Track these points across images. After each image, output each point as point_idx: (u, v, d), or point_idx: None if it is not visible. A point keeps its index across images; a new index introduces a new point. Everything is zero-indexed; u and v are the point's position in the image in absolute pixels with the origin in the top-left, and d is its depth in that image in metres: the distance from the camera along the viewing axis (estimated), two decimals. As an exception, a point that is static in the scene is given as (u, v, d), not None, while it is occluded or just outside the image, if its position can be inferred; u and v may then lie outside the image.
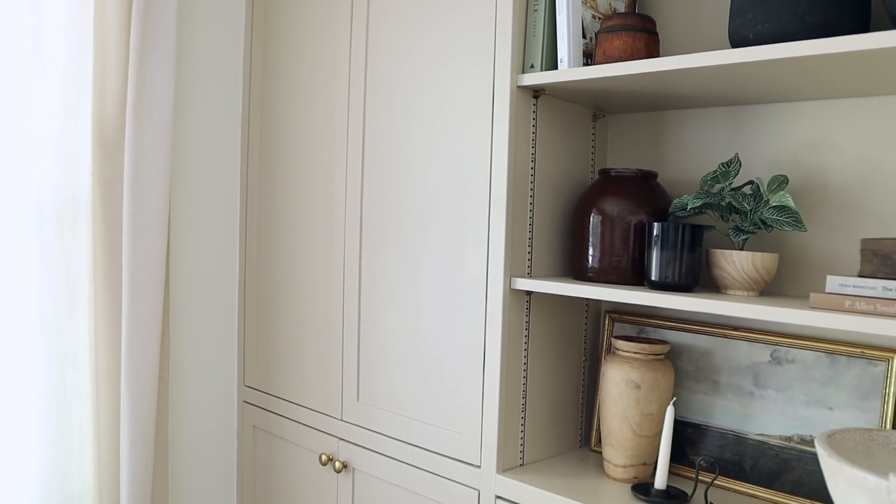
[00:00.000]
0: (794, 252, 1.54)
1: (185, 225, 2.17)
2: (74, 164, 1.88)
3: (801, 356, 1.53)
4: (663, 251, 1.46)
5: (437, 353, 1.71)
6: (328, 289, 1.96)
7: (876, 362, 1.44)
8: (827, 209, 1.51)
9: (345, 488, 1.92)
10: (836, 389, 1.49)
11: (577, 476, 1.60)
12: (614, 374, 1.57)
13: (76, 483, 1.93)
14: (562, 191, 1.70)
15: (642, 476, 1.59)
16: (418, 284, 1.75)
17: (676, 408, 1.67)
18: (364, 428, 1.87)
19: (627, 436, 1.56)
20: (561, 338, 1.73)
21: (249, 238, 2.22)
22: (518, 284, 1.57)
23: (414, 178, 1.75)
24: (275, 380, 2.13)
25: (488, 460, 1.61)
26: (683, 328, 1.67)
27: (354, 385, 1.89)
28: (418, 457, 1.74)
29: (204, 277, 2.22)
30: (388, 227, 1.81)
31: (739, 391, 1.60)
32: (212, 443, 2.27)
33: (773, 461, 1.54)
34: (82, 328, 1.91)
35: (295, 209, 2.06)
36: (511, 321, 1.60)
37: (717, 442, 1.61)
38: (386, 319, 1.82)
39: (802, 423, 1.52)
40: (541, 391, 1.69)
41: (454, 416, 1.68)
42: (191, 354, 2.21)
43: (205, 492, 2.26)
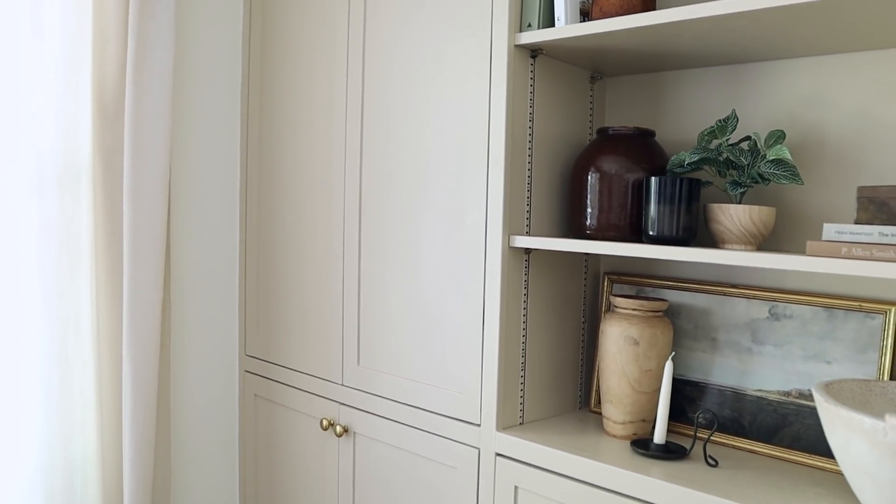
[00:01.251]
0: (791, 208, 1.55)
1: (186, 192, 2.18)
2: (74, 130, 1.89)
3: (798, 311, 1.53)
4: (661, 205, 1.46)
5: (436, 314, 1.72)
6: (328, 254, 1.97)
7: (874, 315, 1.45)
8: (824, 164, 1.51)
9: (346, 452, 1.93)
10: (833, 343, 1.49)
11: (576, 434, 1.61)
12: (613, 330, 1.58)
13: (79, 448, 1.94)
14: (560, 151, 1.70)
15: (641, 433, 1.60)
16: (418, 245, 1.75)
17: (675, 366, 1.68)
18: (364, 392, 1.88)
19: (626, 392, 1.57)
20: (560, 299, 1.73)
21: (250, 204, 2.23)
22: (517, 242, 1.58)
23: (413, 139, 1.75)
24: (276, 348, 2.14)
25: (488, 419, 1.62)
26: (682, 287, 1.68)
27: (355, 349, 1.90)
28: (418, 418, 1.75)
29: (205, 245, 2.23)
30: (388, 189, 1.81)
31: (738, 348, 1.60)
32: (213, 411, 2.28)
33: (772, 416, 1.55)
34: (83, 293, 1.92)
35: (295, 174, 2.06)
36: (510, 280, 1.60)
37: (716, 399, 1.62)
38: (386, 282, 1.83)
39: (800, 378, 1.52)
40: (540, 351, 1.70)
41: (454, 376, 1.69)
42: (192, 324, 2.22)
43: (207, 459, 2.28)
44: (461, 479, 1.67)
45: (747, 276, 1.61)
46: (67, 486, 1.93)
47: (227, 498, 2.33)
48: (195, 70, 2.17)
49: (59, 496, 1.92)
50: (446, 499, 1.71)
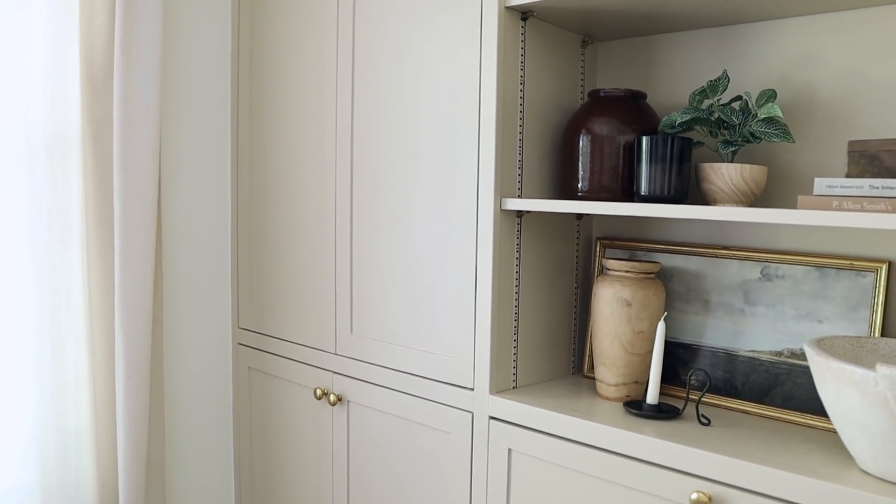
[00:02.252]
0: (782, 168, 1.55)
1: (177, 164, 2.17)
2: (63, 103, 1.88)
3: (790, 272, 1.53)
4: (652, 165, 1.46)
5: (429, 280, 1.72)
6: (320, 223, 1.96)
7: (865, 273, 1.45)
8: (815, 123, 1.51)
9: (340, 421, 1.93)
10: (825, 302, 1.49)
11: (569, 397, 1.61)
12: (605, 293, 1.58)
13: (73, 419, 1.94)
14: (552, 115, 1.70)
15: (634, 394, 1.60)
16: (410, 212, 1.75)
17: (668, 329, 1.68)
18: (358, 360, 1.88)
19: (619, 354, 1.57)
20: (552, 264, 1.73)
21: (241, 176, 2.22)
22: (508, 205, 1.58)
23: (404, 106, 1.75)
24: (269, 319, 2.14)
25: (481, 383, 1.62)
26: (674, 250, 1.68)
27: (348, 318, 1.90)
28: (412, 384, 1.75)
29: (196, 218, 2.22)
30: (380, 157, 1.81)
31: (730, 309, 1.60)
32: (207, 384, 2.28)
33: (764, 376, 1.55)
34: (75, 265, 1.91)
35: (286, 145, 2.05)
36: (502, 243, 1.60)
37: (709, 361, 1.62)
38: (378, 250, 1.83)
39: (792, 338, 1.53)
40: (533, 316, 1.70)
41: (447, 342, 1.69)
42: (185, 297, 2.21)
43: (201, 431, 2.28)
44: (455, 443, 1.67)
45: (739, 238, 1.61)
46: (62, 458, 1.93)
47: (223, 469, 2.33)
48: (184, 41, 2.16)
49: (54, 467, 1.92)
50: (441, 464, 1.72)
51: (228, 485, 2.35)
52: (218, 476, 2.33)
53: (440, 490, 1.72)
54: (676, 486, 1.34)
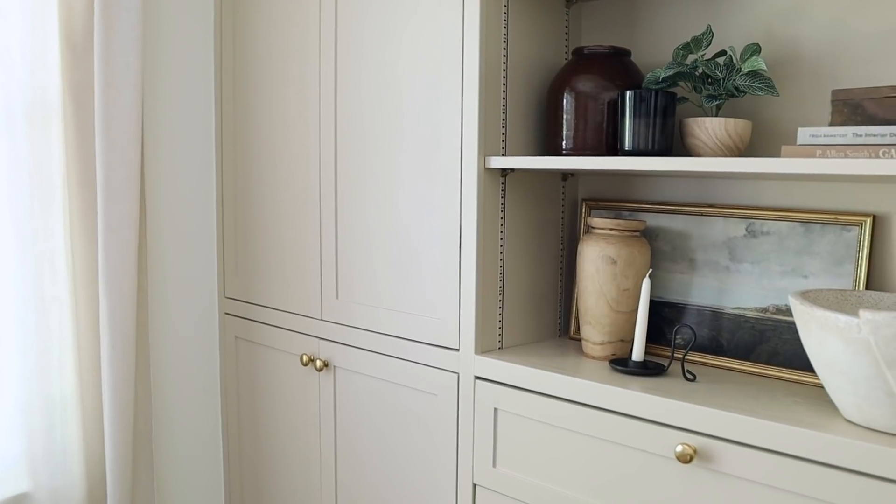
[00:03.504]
0: (767, 124, 1.54)
1: (161, 130, 2.15)
2: (42, 67, 1.86)
3: (775, 228, 1.53)
4: (636, 119, 1.45)
5: (414, 242, 1.71)
6: (305, 189, 1.95)
7: (849, 227, 1.45)
8: (799, 78, 1.50)
9: (326, 387, 1.93)
10: (810, 258, 1.49)
11: (555, 356, 1.61)
12: (590, 251, 1.57)
13: (57, 388, 1.93)
14: (536, 74, 1.69)
15: (620, 353, 1.60)
16: (395, 173, 1.74)
17: (654, 288, 1.67)
18: (344, 325, 1.87)
19: (604, 312, 1.57)
20: (538, 225, 1.72)
21: (226, 143, 2.20)
22: (492, 163, 1.57)
23: (387, 68, 1.73)
24: (255, 288, 2.13)
25: (467, 343, 1.61)
26: (659, 209, 1.67)
27: (333, 283, 1.89)
28: (398, 347, 1.75)
29: (181, 185, 2.20)
30: (363, 119, 1.79)
31: (716, 267, 1.60)
32: (194, 354, 2.27)
33: (750, 333, 1.55)
34: (57, 232, 1.90)
35: (270, 112, 2.04)
36: (486, 203, 1.59)
37: (695, 319, 1.62)
38: (363, 213, 1.81)
39: (778, 294, 1.53)
40: (518, 277, 1.69)
41: (432, 303, 1.68)
42: (170, 266, 2.20)
43: (188, 401, 2.27)
44: (441, 405, 1.67)
45: (724, 196, 1.61)
46: (47, 426, 1.92)
47: (211, 438, 2.33)
48: (165, 3, 2.13)
49: (39, 436, 1.91)
50: (428, 425, 1.71)
51: (217, 453, 2.34)
52: (206, 444, 2.32)
53: (427, 451, 1.72)
54: (661, 440, 1.33)
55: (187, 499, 2.29)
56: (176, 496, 2.27)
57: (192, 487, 2.30)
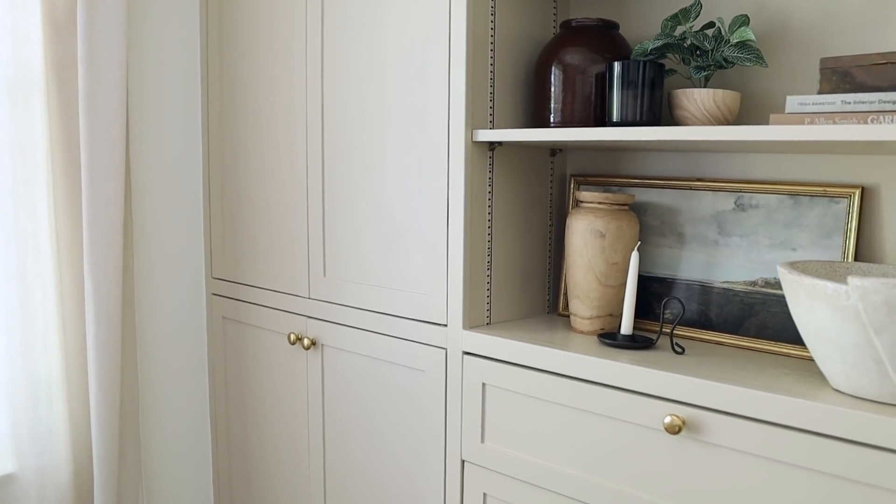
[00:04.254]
0: (756, 96, 1.53)
1: (146, 108, 2.12)
2: (24, 43, 1.83)
3: (764, 201, 1.52)
4: (624, 90, 1.44)
5: (401, 217, 1.70)
6: (291, 166, 1.93)
7: (838, 199, 1.44)
8: (788, 50, 1.49)
9: (314, 365, 1.91)
10: (799, 230, 1.48)
11: (543, 331, 1.60)
12: (579, 224, 1.56)
13: (42, 367, 1.91)
14: (524, 48, 1.67)
15: (609, 327, 1.59)
16: (381, 148, 1.72)
17: (643, 263, 1.67)
18: (331, 303, 1.86)
19: (593, 286, 1.56)
20: (526, 201, 1.71)
21: (212, 120, 2.18)
22: (480, 136, 1.55)
23: (374, 41, 1.71)
24: (242, 268, 2.11)
25: (454, 319, 1.60)
26: (648, 184, 1.66)
27: (321, 261, 1.88)
28: (385, 323, 1.74)
29: (167, 165, 2.18)
30: (350, 94, 1.77)
31: (704, 241, 1.59)
32: (181, 335, 2.25)
33: (738, 307, 1.55)
34: (41, 210, 1.88)
35: (257, 88, 2.02)
36: (474, 177, 1.58)
37: (684, 293, 1.62)
38: (351, 190, 1.80)
39: (766, 267, 1.52)
40: (506, 253, 1.68)
41: (420, 279, 1.67)
42: (156, 247, 2.18)
43: (176, 382, 2.25)
44: (429, 381, 1.66)
45: (713, 170, 1.60)
46: (32, 406, 1.90)
47: (198, 418, 2.31)
48: (150, -16, 2.11)
49: (24, 416, 1.90)
50: (416, 402, 1.70)
51: (205, 433, 2.33)
52: (193, 424, 2.31)
53: (415, 428, 1.71)
54: (650, 412, 1.33)
55: (175, 478, 2.28)
56: (163, 476, 2.26)
57: (179, 467, 2.29)
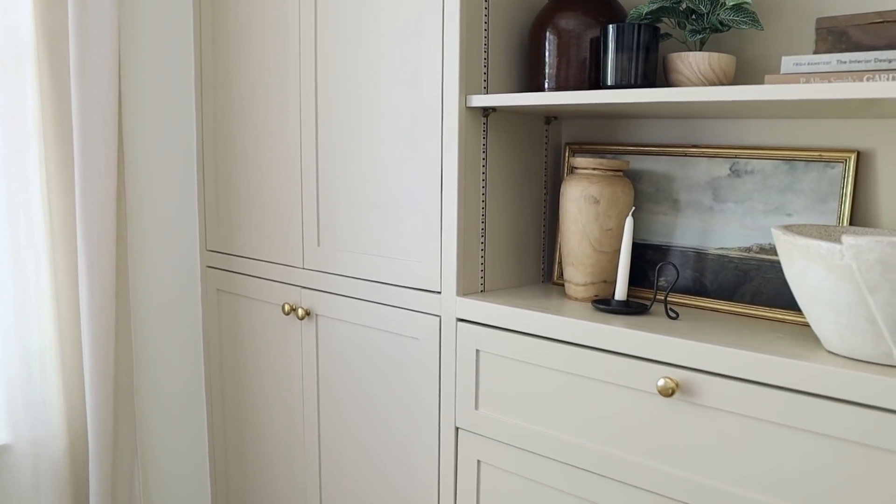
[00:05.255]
0: (751, 61, 1.52)
1: (139, 78, 2.11)
2: (13, 9, 1.81)
3: (759, 166, 1.52)
4: (619, 54, 1.43)
5: (395, 185, 1.69)
6: (285, 136, 1.92)
7: (833, 164, 1.44)
8: (784, 13, 1.48)
9: (309, 335, 1.91)
10: (794, 195, 1.48)
11: (537, 298, 1.59)
12: (573, 191, 1.55)
13: (36, 339, 1.90)
14: (518, 14, 1.65)
15: (603, 294, 1.59)
16: (375, 115, 1.71)
17: (638, 230, 1.66)
18: (326, 272, 1.85)
19: (587, 252, 1.55)
20: (521, 169, 1.70)
21: (205, 89, 2.16)
22: (474, 101, 1.54)
23: (367, 8, 1.70)
24: (237, 239, 2.11)
25: (448, 286, 1.60)
26: (643, 151, 1.66)
27: (315, 230, 1.87)
28: (380, 292, 1.73)
29: (161, 135, 2.16)
30: (343, 60, 1.76)
31: (699, 208, 1.59)
32: (176, 308, 2.25)
33: (733, 273, 1.54)
34: (33, 180, 1.86)
35: (250, 57, 2.00)
36: (468, 144, 1.57)
37: (678, 260, 1.61)
38: (345, 158, 1.79)
39: (761, 233, 1.51)
40: (501, 221, 1.67)
41: (414, 246, 1.66)
42: (150, 219, 2.17)
43: (171, 354, 2.25)
44: (423, 349, 1.65)
45: (709, 136, 1.59)
46: (26, 377, 1.90)
47: (193, 390, 2.31)
48: (142, -46, 2.09)
49: (18, 387, 1.89)
50: (410, 371, 1.70)
51: (200, 404, 2.33)
52: (188, 396, 2.31)
53: (410, 396, 1.71)
54: (643, 375, 1.33)
55: (170, 450, 2.28)
56: (159, 448, 2.26)
57: (175, 439, 2.29)
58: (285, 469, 2.06)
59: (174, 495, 2.31)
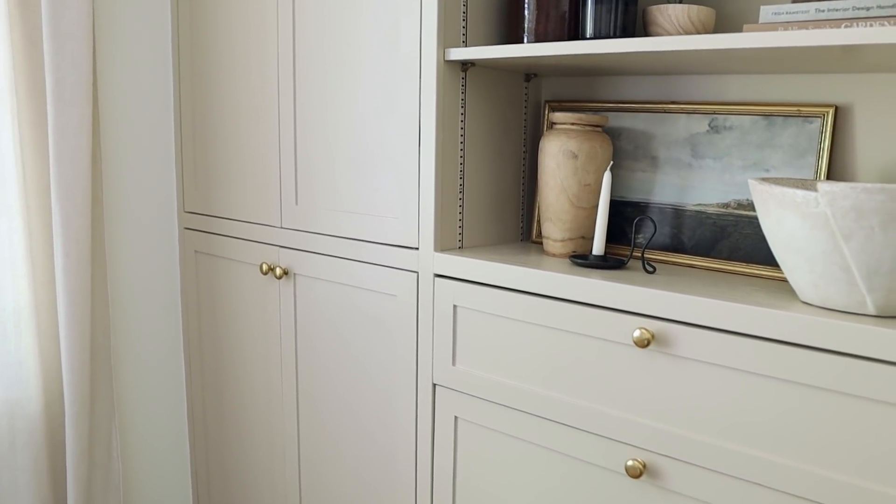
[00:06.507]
0: (731, 16, 1.51)
1: (114, 34, 2.07)
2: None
3: (738, 122, 1.51)
4: (598, 4, 1.42)
5: (373, 141, 1.67)
6: (263, 93, 1.90)
7: (811, 119, 1.43)
8: (765, -33, 1.47)
9: (287, 295, 1.90)
10: (772, 151, 1.48)
11: (515, 254, 1.59)
12: (552, 146, 1.54)
13: (10, 298, 1.88)
14: (497, -31, 1.64)
15: (581, 250, 1.58)
16: (353, 70, 1.69)
17: (616, 187, 1.66)
18: (303, 231, 1.84)
19: (565, 207, 1.55)
20: (500, 126, 1.69)
21: (182, 46, 2.13)
22: (452, 55, 1.53)
23: (344, -38, 1.68)
24: (215, 200, 2.09)
25: (426, 242, 1.59)
26: (622, 108, 1.65)
27: (293, 189, 1.85)
28: (357, 249, 1.72)
29: (137, 94, 2.13)
30: (322, 13, 1.74)
31: (678, 164, 1.58)
32: (153, 271, 2.23)
33: (711, 230, 1.54)
34: (5, 139, 1.84)
35: (228, 14, 1.97)
36: (446, 98, 1.56)
37: (657, 217, 1.61)
38: (322, 115, 1.77)
39: (739, 189, 1.51)
40: (479, 177, 1.66)
41: (392, 203, 1.65)
42: (127, 179, 2.14)
43: (149, 317, 2.23)
44: (401, 306, 1.65)
45: (688, 92, 1.59)
46: (1, 337, 1.88)
47: (172, 353, 2.30)
48: None
49: (-7, 347, 1.88)
50: (388, 328, 1.70)
51: (178, 364, 2.31)
52: (166, 357, 2.29)
53: (388, 354, 1.71)
54: (619, 327, 1.33)
55: (149, 411, 2.28)
56: (137, 410, 2.25)
57: (153, 400, 2.28)
58: (264, 428, 2.06)
59: (152, 456, 2.31)
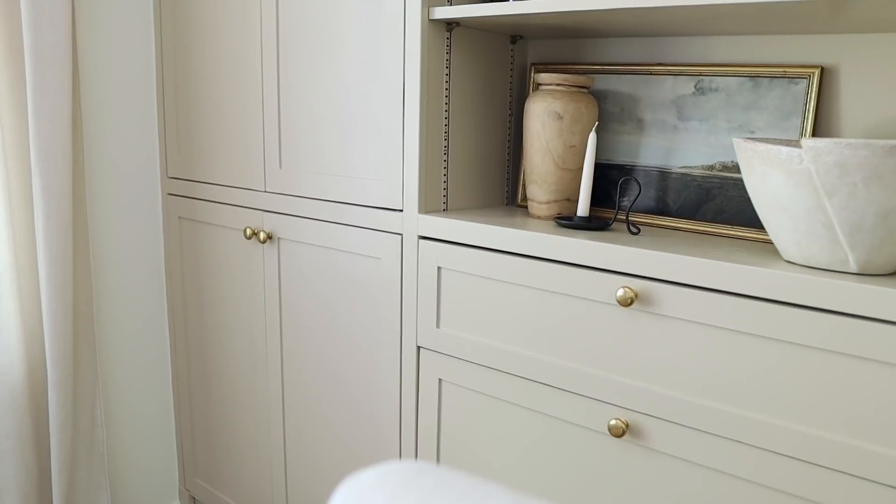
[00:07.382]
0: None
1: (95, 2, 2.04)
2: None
3: (724, 84, 1.50)
4: (584, -37, 1.40)
5: (357, 102, 1.66)
6: (246, 53, 1.87)
7: (797, 80, 1.43)
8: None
9: (271, 259, 1.89)
10: (758, 112, 1.47)
11: (500, 217, 1.58)
12: (537, 107, 1.53)
13: (-10, 262, 1.87)
14: (483, -72, 1.62)
15: (566, 212, 1.58)
16: (337, 31, 1.67)
17: (602, 151, 1.65)
18: (287, 195, 1.83)
19: (550, 169, 1.54)
20: (485, 89, 1.68)
21: (164, 12, 2.10)
22: (437, 13, 1.51)
23: (328, -80, 1.65)
24: (198, 165, 2.07)
25: (410, 204, 1.58)
26: (608, 71, 1.64)
27: (276, 152, 1.83)
28: (341, 212, 1.71)
29: (118, 56, 2.10)
30: (304, -22, 1.72)
31: (663, 127, 1.58)
32: (136, 237, 2.21)
33: (696, 192, 1.54)
34: (-16, 98, 1.81)
35: (208, -22, 1.95)
36: (431, 58, 1.54)
37: (642, 180, 1.60)
38: (306, 76, 1.75)
39: (724, 151, 1.51)
40: (464, 140, 1.65)
41: (376, 165, 1.64)
42: (108, 144, 2.12)
43: (132, 283, 2.22)
44: (385, 268, 1.64)
45: (674, 54, 1.58)
46: (-19, 301, 1.86)
47: (155, 319, 2.28)
48: None
49: (-27, 311, 1.86)
50: (372, 291, 1.69)
51: (162, 332, 2.30)
52: (150, 323, 2.28)
53: (372, 317, 1.70)
54: (603, 286, 1.32)
55: (133, 376, 2.27)
56: (121, 376, 2.24)
57: (137, 365, 2.27)
58: (249, 393, 2.06)
59: (137, 422, 2.30)
